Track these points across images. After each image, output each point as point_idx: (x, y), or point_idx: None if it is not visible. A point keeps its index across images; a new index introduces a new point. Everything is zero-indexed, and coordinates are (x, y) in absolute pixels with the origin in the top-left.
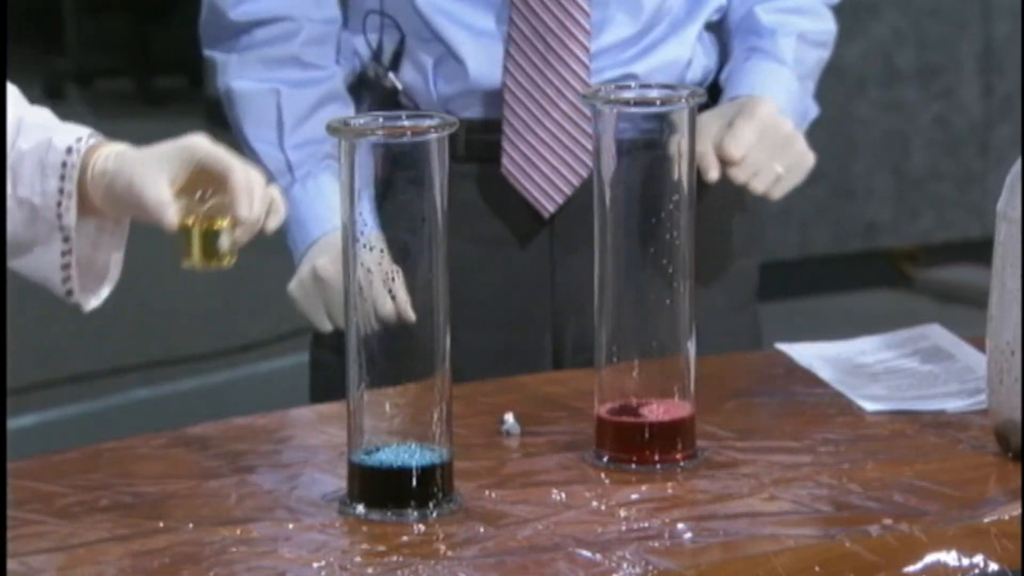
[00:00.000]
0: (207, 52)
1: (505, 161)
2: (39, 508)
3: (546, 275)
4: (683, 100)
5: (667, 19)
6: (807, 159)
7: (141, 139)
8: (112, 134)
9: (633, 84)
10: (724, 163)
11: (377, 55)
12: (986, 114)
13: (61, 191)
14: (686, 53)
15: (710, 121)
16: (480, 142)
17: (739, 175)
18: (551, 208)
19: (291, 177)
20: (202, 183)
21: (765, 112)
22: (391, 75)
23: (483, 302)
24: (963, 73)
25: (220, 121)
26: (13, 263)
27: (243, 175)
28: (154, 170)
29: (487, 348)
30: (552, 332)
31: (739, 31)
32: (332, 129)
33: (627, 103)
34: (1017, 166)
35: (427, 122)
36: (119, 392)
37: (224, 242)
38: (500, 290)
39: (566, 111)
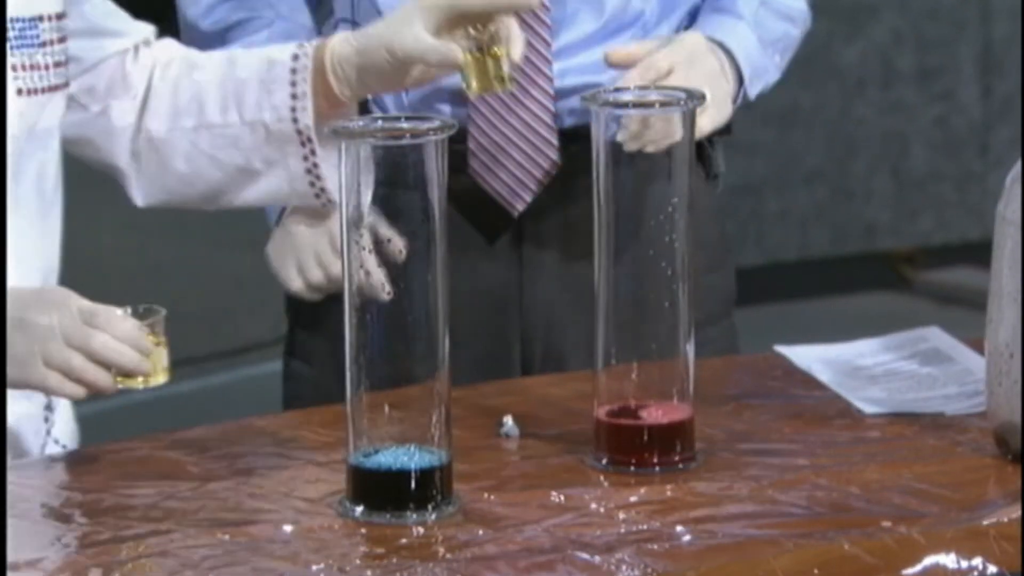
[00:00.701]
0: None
1: (472, 162)
2: (39, 509)
3: (514, 286)
4: (682, 103)
5: (637, 21)
6: (719, 91)
7: None
8: None
9: (632, 87)
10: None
11: None
12: (985, 115)
13: (294, 96)
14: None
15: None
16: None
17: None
18: (520, 207)
19: None
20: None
21: (689, 40)
22: None
23: (451, 311)
24: (962, 74)
25: None
26: (248, 195)
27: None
28: (411, 27)
29: (455, 356)
30: (520, 342)
31: (706, 5)
32: (333, 131)
33: (625, 105)
34: (1017, 168)
35: (426, 124)
36: (119, 393)
37: (505, 66)
38: (467, 299)
39: (531, 107)
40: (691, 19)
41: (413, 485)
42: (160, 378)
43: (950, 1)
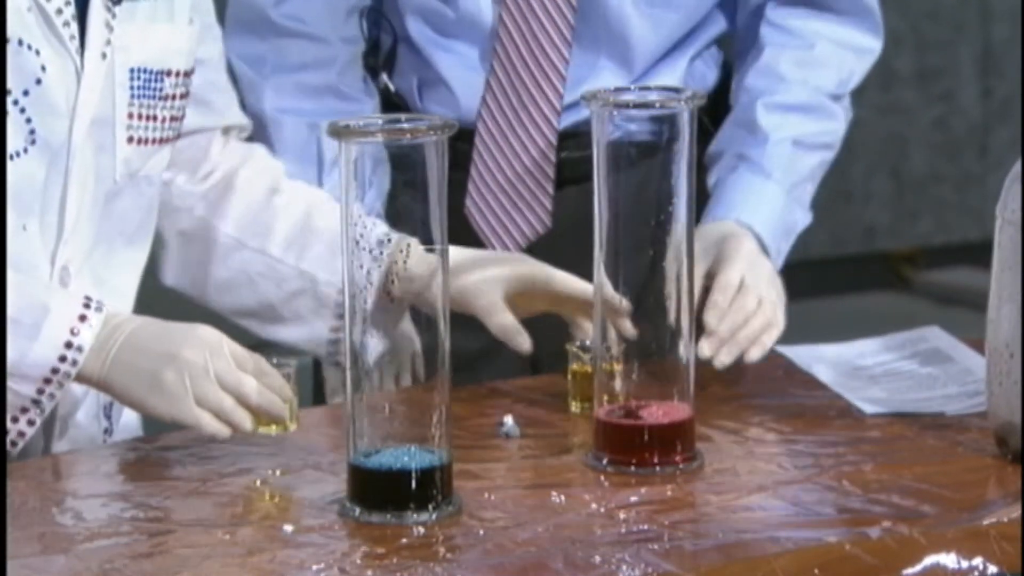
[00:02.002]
0: (236, 60)
1: (468, 202)
2: (39, 509)
3: None
4: (683, 102)
5: (656, 62)
6: (776, 321)
7: None
8: None
9: (632, 87)
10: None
11: (375, 49)
12: (985, 117)
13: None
14: (673, 82)
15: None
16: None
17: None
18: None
19: None
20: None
21: (730, 243)
22: (384, 75)
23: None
24: (962, 76)
25: None
26: (264, 330)
27: (576, 287)
28: (492, 294)
29: (463, 349)
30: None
31: (737, 119)
32: (332, 131)
33: (627, 105)
34: (1016, 168)
35: (426, 124)
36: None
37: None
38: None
39: (529, 167)
40: (724, 72)
41: (413, 485)
42: (291, 426)
43: (950, 2)
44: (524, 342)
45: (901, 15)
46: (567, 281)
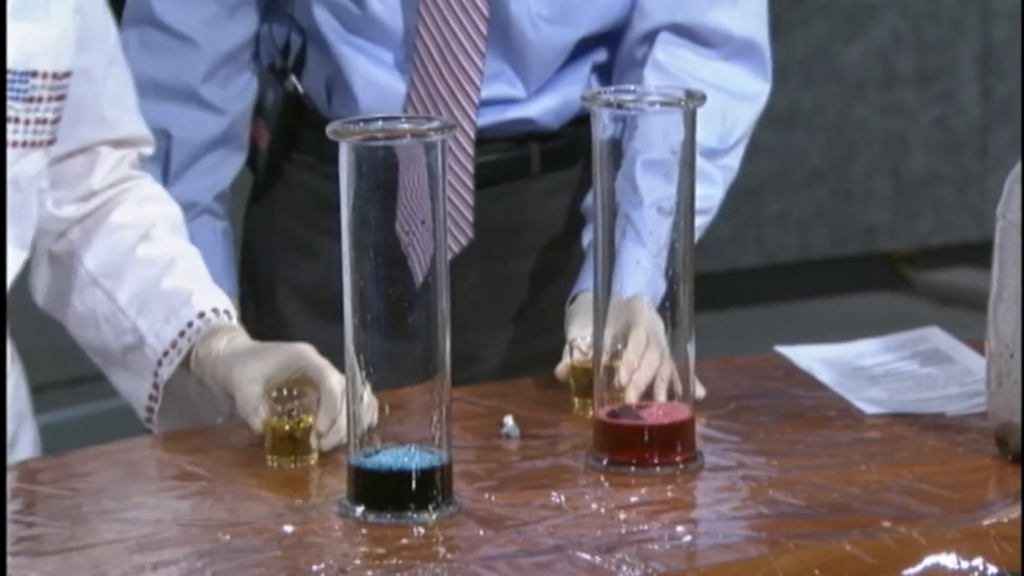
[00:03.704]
0: (124, 35)
1: (397, 226)
2: (39, 510)
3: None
4: (682, 103)
5: (557, 67)
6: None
7: None
8: None
9: (632, 87)
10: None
11: (284, 52)
12: (985, 117)
13: (174, 345)
14: (577, 92)
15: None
16: None
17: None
18: (422, 277)
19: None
20: (291, 382)
21: (646, 327)
22: (292, 77)
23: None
24: (962, 76)
25: None
26: (107, 372)
27: (335, 393)
28: (252, 370)
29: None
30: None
31: (622, 177)
32: (333, 131)
33: (625, 106)
34: (1016, 169)
35: (427, 125)
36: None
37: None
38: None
39: (448, 179)
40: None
41: (414, 485)
42: (310, 458)
43: (950, 2)
44: (255, 422)
45: (901, 15)
46: (324, 376)
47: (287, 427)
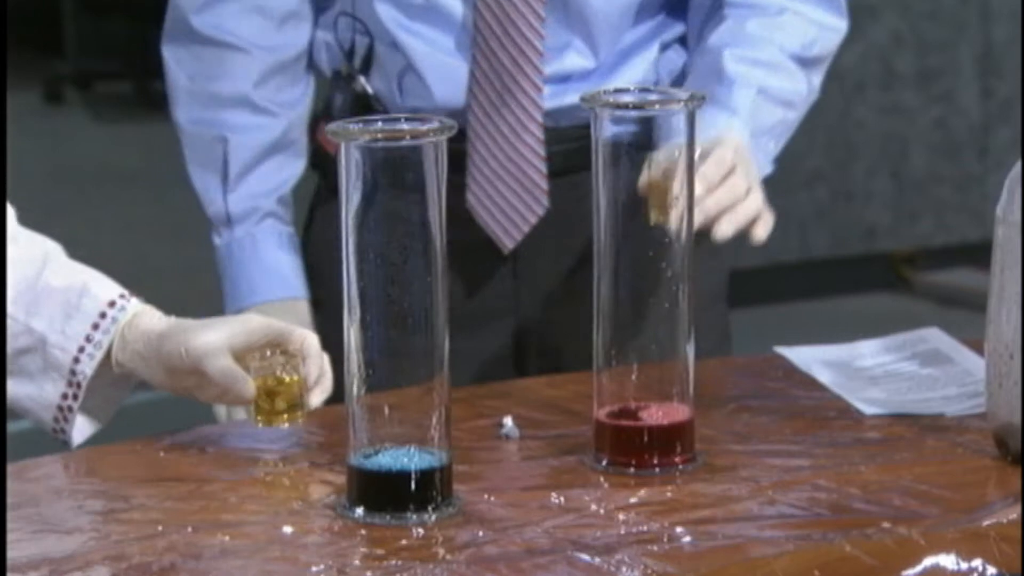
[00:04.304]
0: (165, 68)
1: (469, 196)
2: (38, 511)
3: (508, 289)
4: (682, 103)
5: (628, 50)
6: (767, 213)
7: (140, 142)
8: (111, 137)
9: (632, 88)
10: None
11: (350, 55)
12: (985, 117)
13: (89, 339)
14: (650, 76)
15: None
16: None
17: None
18: (510, 245)
19: (230, 232)
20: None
21: (732, 148)
22: (361, 79)
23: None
24: (962, 76)
25: None
26: None
27: (314, 346)
28: (218, 339)
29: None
30: (515, 342)
31: (701, 71)
32: (332, 132)
33: (626, 106)
34: (1016, 169)
35: (425, 125)
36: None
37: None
38: (461, 296)
39: (521, 150)
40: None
41: (413, 486)
42: (300, 416)
43: (950, 3)
44: (247, 390)
45: (901, 16)
46: (290, 331)
47: (276, 386)
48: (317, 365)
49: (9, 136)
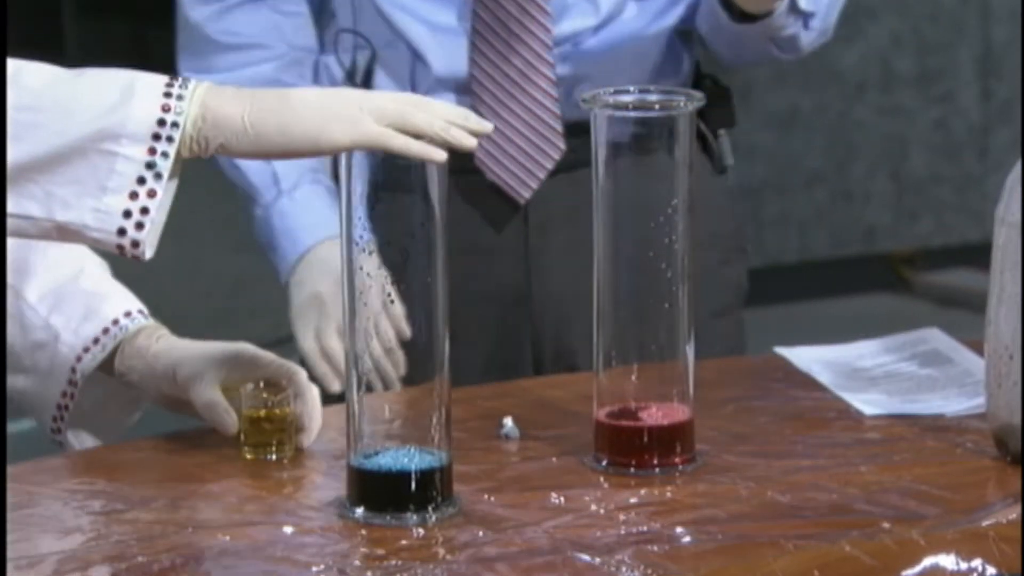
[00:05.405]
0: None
1: (477, 152)
2: (38, 511)
3: (522, 285)
4: (681, 104)
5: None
6: None
7: None
8: None
9: (632, 88)
10: None
11: (351, 73)
12: (985, 118)
13: (96, 341)
14: (655, 48)
15: None
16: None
17: None
18: (526, 194)
19: (277, 190)
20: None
21: None
22: None
23: (460, 313)
24: (962, 77)
25: None
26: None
27: (308, 386)
28: (204, 374)
29: (467, 359)
30: (531, 342)
31: None
32: None
33: (626, 107)
34: (1016, 170)
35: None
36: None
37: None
38: (476, 299)
39: (535, 95)
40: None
41: (413, 486)
42: (288, 450)
43: (950, 4)
44: (230, 424)
45: (901, 17)
46: (280, 365)
47: (266, 417)
48: (308, 403)
49: None
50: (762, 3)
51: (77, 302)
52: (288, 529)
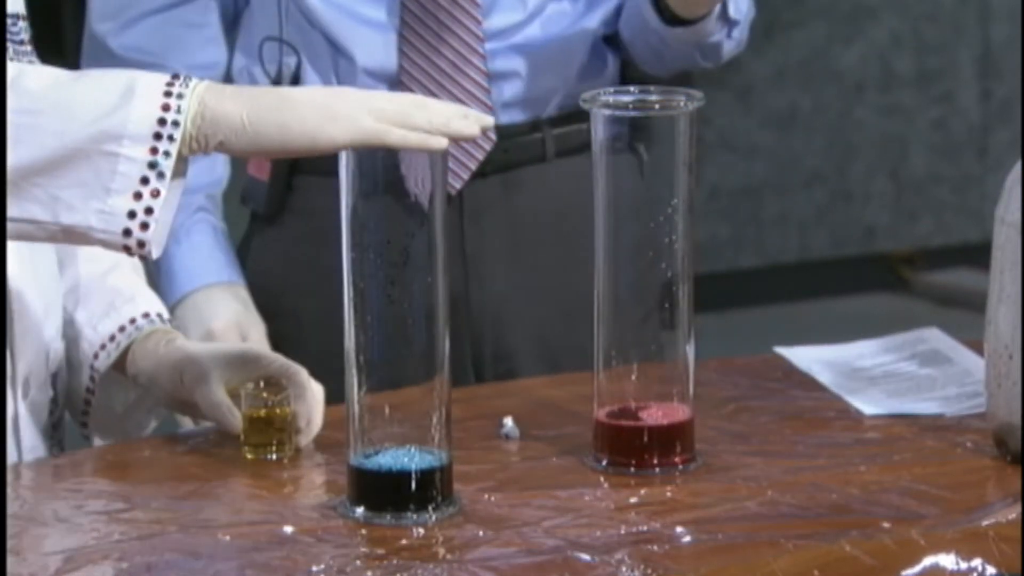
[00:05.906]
0: None
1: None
2: (38, 511)
3: (459, 285)
4: (682, 104)
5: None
6: None
7: None
8: None
9: (632, 88)
10: None
11: (277, 82)
12: (984, 118)
13: (112, 339)
14: (581, 48)
15: None
16: None
17: None
18: (457, 185)
19: None
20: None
21: None
22: None
23: None
24: (961, 77)
25: None
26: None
27: (310, 387)
28: (210, 375)
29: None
30: (470, 343)
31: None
32: None
33: (626, 107)
34: (1016, 170)
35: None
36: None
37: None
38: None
39: (466, 86)
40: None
41: (413, 486)
42: (288, 450)
43: (949, 4)
44: (234, 423)
45: (901, 17)
46: (284, 365)
47: (266, 417)
48: (309, 404)
49: None
50: (696, 8)
51: (101, 298)
52: (288, 529)
